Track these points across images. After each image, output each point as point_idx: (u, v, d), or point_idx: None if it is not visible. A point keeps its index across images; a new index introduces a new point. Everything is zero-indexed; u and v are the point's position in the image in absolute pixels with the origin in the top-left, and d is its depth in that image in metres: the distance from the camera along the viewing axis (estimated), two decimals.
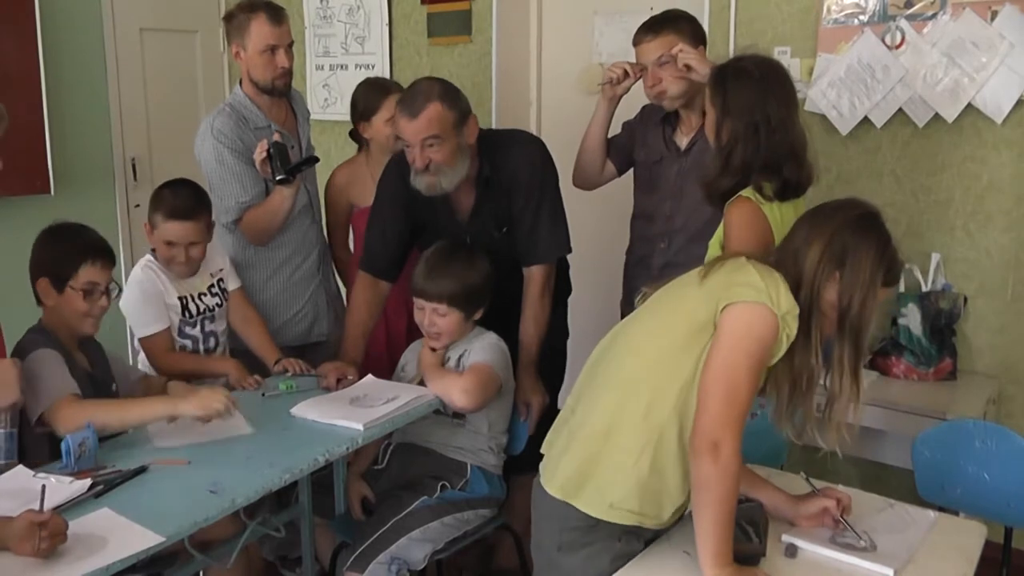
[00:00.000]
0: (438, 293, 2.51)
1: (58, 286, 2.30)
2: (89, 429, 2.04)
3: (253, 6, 2.86)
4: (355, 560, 2.37)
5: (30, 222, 4.38)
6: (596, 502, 1.77)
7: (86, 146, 4.54)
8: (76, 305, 2.29)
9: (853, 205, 1.78)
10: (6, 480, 1.94)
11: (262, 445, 2.20)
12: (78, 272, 2.29)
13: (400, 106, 2.56)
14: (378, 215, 2.81)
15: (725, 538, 1.63)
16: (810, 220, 1.77)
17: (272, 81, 2.90)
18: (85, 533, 1.71)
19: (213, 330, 2.77)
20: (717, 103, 2.18)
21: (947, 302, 3.00)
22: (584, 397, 1.86)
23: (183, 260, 2.64)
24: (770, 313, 1.64)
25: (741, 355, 1.64)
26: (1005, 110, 2.95)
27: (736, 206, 2.16)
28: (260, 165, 2.79)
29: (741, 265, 1.73)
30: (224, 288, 2.81)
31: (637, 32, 2.76)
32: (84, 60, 4.51)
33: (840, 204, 1.80)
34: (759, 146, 2.13)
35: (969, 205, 3.08)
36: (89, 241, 2.37)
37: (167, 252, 2.63)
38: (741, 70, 2.17)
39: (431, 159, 2.52)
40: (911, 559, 1.74)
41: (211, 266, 2.78)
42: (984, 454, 2.23)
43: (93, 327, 2.35)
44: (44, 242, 2.38)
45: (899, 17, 3.10)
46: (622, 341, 1.86)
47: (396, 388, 2.56)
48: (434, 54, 4.38)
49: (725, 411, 1.62)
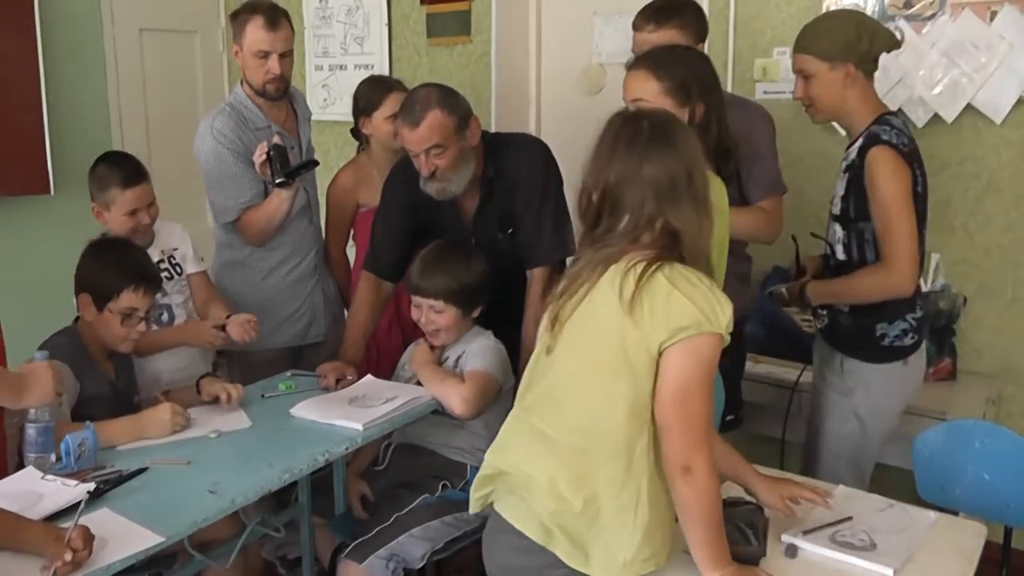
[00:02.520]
0: (435, 290, 2.53)
1: (98, 304, 2.31)
2: (89, 429, 2.04)
3: (254, 8, 2.87)
4: (354, 549, 2.37)
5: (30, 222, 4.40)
6: (608, 565, 1.67)
7: (86, 146, 4.51)
8: (113, 328, 2.32)
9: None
10: (15, 481, 1.95)
11: (261, 445, 2.20)
12: (119, 296, 2.30)
13: (400, 116, 2.57)
14: (384, 216, 2.82)
15: (719, 544, 1.63)
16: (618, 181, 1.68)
17: (263, 85, 2.90)
18: None
19: (165, 303, 2.75)
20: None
21: (946, 302, 3.00)
22: (538, 460, 1.71)
23: (147, 222, 2.68)
24: (713, 335, 1.60)
25: (693, 386, 1.60)
26: (1004, 110, 2.95)
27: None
28: (259, 167, 2.80)
29: (667, 291, 1.60)
30: (177, 264, 2.81)
31: (639, 15, 2.64)
32: (84, 60, 4.50)
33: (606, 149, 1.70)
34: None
35: (968, 205, 3.09)
36: (135, 266, 2.38)
37: (130, 222, 2.64)
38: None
39: (437, 166, 2.54)
40: (911, 559, 1.74)
41: (163, 243, 2.78)
42: (984, 454, 2.23)
43: (128, 348, 2.38)
44: (90, 257, 2.40)
45: (898, 17, 3.10)
46: (558, 395, 1.72)
47: (395, 388, 2.56)
48: (433, 54, 4.38)
49: (688, 437, 1.59)
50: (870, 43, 2.32)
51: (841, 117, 2.41)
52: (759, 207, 2.60)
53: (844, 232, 2.38)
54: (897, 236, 2.24)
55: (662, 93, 2.05)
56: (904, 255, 2.24)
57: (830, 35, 2.33)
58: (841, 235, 2.40)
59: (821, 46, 2.32)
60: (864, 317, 2.37)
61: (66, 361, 2.25)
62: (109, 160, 2.72)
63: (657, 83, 2.06)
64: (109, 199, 2.64)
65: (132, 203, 2.63)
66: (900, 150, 2.26)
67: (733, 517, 1.72)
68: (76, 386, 2.26)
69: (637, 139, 1.67)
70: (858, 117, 2.35)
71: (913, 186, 2.28)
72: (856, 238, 2.35)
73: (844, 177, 2.37)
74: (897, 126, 2.31)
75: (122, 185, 2.62)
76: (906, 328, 2.36)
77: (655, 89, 2.06)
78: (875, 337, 2.37)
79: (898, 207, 2.23)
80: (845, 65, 2.31)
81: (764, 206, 2.60)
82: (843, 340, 2.43)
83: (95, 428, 2.08)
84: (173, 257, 2.81)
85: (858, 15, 2.44)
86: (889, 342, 2.37)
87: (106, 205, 2.65)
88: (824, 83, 2.34)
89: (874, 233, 2.30)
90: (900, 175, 2.24)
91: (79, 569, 1.60)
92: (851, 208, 2.34)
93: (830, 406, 2.45)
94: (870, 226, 2.30)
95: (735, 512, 1.75)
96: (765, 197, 2.60)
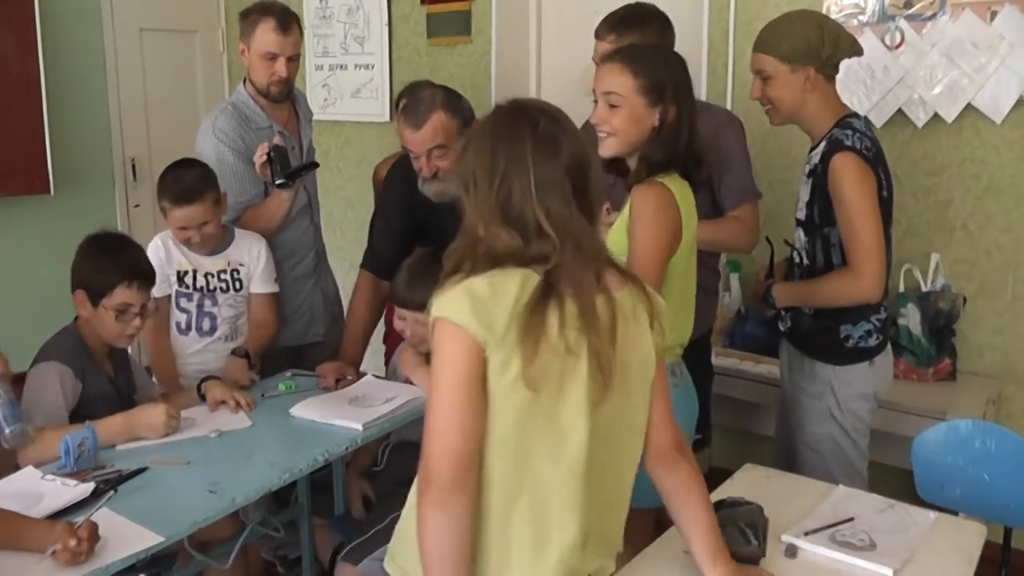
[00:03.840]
0: (420, 302, 2.50)
1: (93, 300, 2.31)
2: (89, 429, 2.04)
3: (267, 9, 2.86)
4: (350, 552, 2.37)
5: (30, 222, 4.40)
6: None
7: (86, 146, 4.55)
8: (108, 324, 2.31)
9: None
10: (15, 481, 1.95)
11: (261, 445, 2.21)
12: (113, 292, 2.29)
13: (404, 116, 2.57)
14: (383, 216, 2.82)
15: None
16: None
17: (267, 87, 2.90)
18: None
19: (211, 312, 2.76)
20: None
21: (946, 302, 3.00)
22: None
23: (198, 241, 2.68)
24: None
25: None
26: (1004, 110, 2.95)
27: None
28: (260, 168, 2.80)
29: (662, 302, 1.58)
30: (239, 279, 2.79)
31: (601, 24, 2.54)
32: (84, 60, 4.51)
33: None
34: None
35: (968, 205, 3.08)
36: (128, 261, 2.37)
37: (182, 235, 2.68)
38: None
39: (438, 167, 2.55)
40: (911, 559, 1.73)
41: (233, 256, 2.78)
42: (983, 454, 2.23)
43: (126, 343, 2.38)
44: (86, 253, 2.38)
45: (898, 17, 3.10)
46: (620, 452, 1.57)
47: (395, 388, 2.56)
48: (433, 54, 4.38)
49: (676, 428, 1.63)
50: (833, 48, 2.27)
51: (801, 121, 2.36)
52: (733, 216, 2.54)
53: (807, 238, 2.36)
54: (864, 242, 2.21)
55: (636, 90, 1.98)
56: (871, 261, 2.21)
57: (792, 37, 2.26)
58: (804, 240, 2.38)
59: (782, 48, 2.27)
60: (827, 319, 2.34)
61: (68, 360, 2.26)
62: (175, 171, 2.68)
63: (633, 79, 1.99)
64: (163, 208, 2.67)
65: (181, 221, 2.64)
66: (864, 155, 2.21)
67: (733, 517, 1.72)
68: (77, 386, 2.26)
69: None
70: (819, 122, 2.31)
71: (879, 190, 2.24)
72: (822, 243, 2.32)
73: (808, 183, 2.34)
74: (859, 129, 2.27)
75: (172, 202, 2.63)
76: (870, 329, 2.33)
77: (630, 85, 1.99)
78: (840, 339, 2.33)
79: (863, 213, 2.20)
80: (806, 69, 2.26)
81: (738, 215, 2.54)
82: (808, 343, 2.41)
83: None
84: (237, 271, 2.79)
85: (822, 18, 2.38)
86: (853, 344, 2.33)
87: (163, 212, 2.68)
88: (783, 85, 2.29)
89: (839, 238, 2.27)
90: (865, 181, 2.20)
91: (77, 562, 1.60)
92: (815, 214, 2.31)
93: (805, 409, 2.42)
94: (835, 231, 2.27)
95: (735, 512, 1.74)
96: (739, 205, 2.55)
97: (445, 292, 1.43)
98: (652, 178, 1.99)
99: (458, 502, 1.39)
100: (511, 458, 1.43)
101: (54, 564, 1.60)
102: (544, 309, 1.40)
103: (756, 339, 3.18)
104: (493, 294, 1.40)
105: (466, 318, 1.38)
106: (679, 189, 1.99)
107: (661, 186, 1.96)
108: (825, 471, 2.36)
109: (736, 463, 2.22)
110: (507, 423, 1.41)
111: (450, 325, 1.40)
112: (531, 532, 1.45)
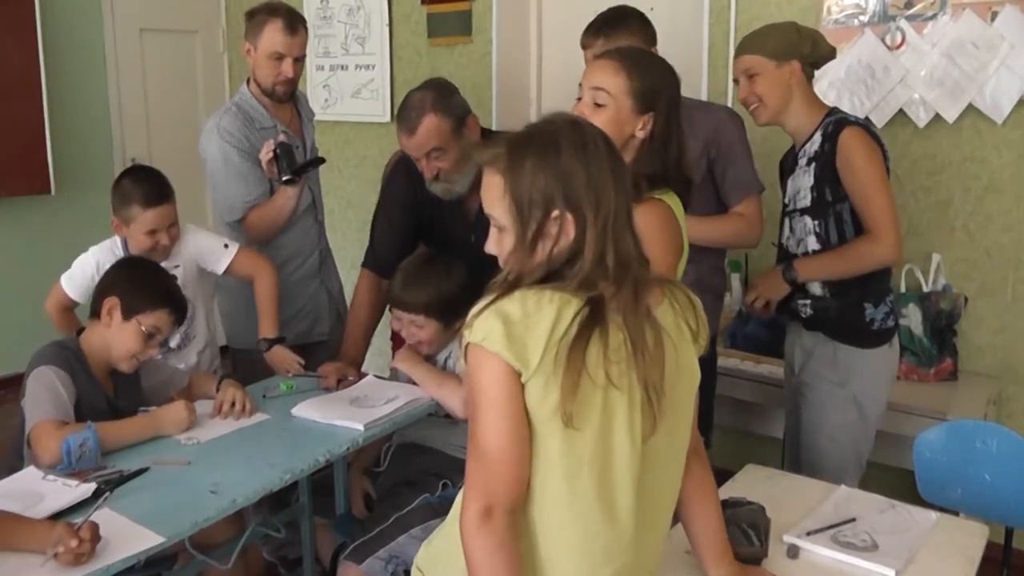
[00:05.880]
0: (415, 304, 2.51)
1: (126, 313, 2.26)
2: (90, 429, 2.04)
3: (274, 10, 2.87)
4: (353, 551, 2.37)
5: (30, 222, 4.39)
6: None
7: (86, 146, 4.55)
8: (130, 339, 2.25)
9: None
10: (16, 481, 1.95)
11: (262, 445, 2.20)
12: (154, 312, 2.27)
13: (397, 123, 2.57)
14: (385, 214, 2.81)
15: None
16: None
17: (273, 87, 2.91)
18: None
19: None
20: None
21: (947, 302, 3.00)
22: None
23: (167, 242, 2.62)
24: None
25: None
26: (1005, 111, 2.95)
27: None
28: (266, 165, 2.80)
29: (698, 300, 1.53)
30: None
31: (585, 33, 2.58)
32: (84, 60, 4.52)
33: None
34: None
35: (969, 205, 3.09)
36: (174, 292, 2.36)
37: (148, 241, 2.59)
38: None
39: (439, 168, 2.55)
40: (912, 560, 1.74)
41: (175, 258, 2.71)
42: (984, 455, 2.23)
43: (129, 367, 2.30)
44: (124, 270, 2.37)
45: (899, 17, 3.10)
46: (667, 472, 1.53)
47: (396, 388, 2.56)
48: (434, 54, 4.38)
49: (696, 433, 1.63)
50: (811, 46, 2.40)
51: (787, 118, 2.43)
52: (736, 213, 2.59)
53: (817, 222, 2.40)
54: (879, 205, 2.31)
55: (627, 92, 1.92)
56: (887, 223, 2.32)
57: (773, 37, 2.41)
58: (812, 225, 2.41)
59: (766, 46, 2.39)
60: (851, 300, 2.40)
61: (62, 367, 2.19)
62: (134, 175, 2.65)
63: (627, 80, 1.92)
64: (129, 216, 2.58)
65: (152, 223, 2.58)
66: (869, 130, 2.35)
67: (735, 517, 1.72)
68: (73, 392, 2.22)
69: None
70: (804, 117, 2.41)
71: (885, 163, 2.36)
72: (835, 221, 2.38)
73: (808, 170, 2.40)
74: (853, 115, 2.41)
75: (143, 204, 2.57)
76: (887, 311, 2.43)
77: (622, 86, 1.92)
78: (866, 323, 2.40)
79: (876, 179, 2.31)
80: (790, 63, 2.38)
81: (741, 210, 2.60)
82: (836, 328, 2.44)
83: (106, 429, 2.08)
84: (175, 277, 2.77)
85: (796, 23, 2.50)
86: (877, 326, 2.41)
87: (126, 221, 2.60)
88: (770, 80, 2.39)
89: (852, 212, 2.35)
90: (874, 151, 2.32)
91: (79, 563, 1.60)
92: (826, 192, 2.37)
93: (825, 399, 2.44)
94: (847, 206, 2.36)
95: (737, 512, 1.75)
96: (742, 200, 2.59)
97: (478, 316, 1.37)
98: (651, 195, 1.96)
99: (513, 525, 1.37)
100: (562, 483, 1.39)
101: (55, 565, 1.60)
102: (586, 343, 1.33)
103: (757, 339, 3.18)
104: (525, 316, 1.34)
105: (499, 347, 1.32)
106: (675, 205, 1.97)
107: (661, 203, 1.94)
108: (840, 462, 2.40)
109: (737, 463, 2.23)
110: (551, 451, 1.37)
111: (484, 352, 1.34)
112: (577, 554, 1.42)
